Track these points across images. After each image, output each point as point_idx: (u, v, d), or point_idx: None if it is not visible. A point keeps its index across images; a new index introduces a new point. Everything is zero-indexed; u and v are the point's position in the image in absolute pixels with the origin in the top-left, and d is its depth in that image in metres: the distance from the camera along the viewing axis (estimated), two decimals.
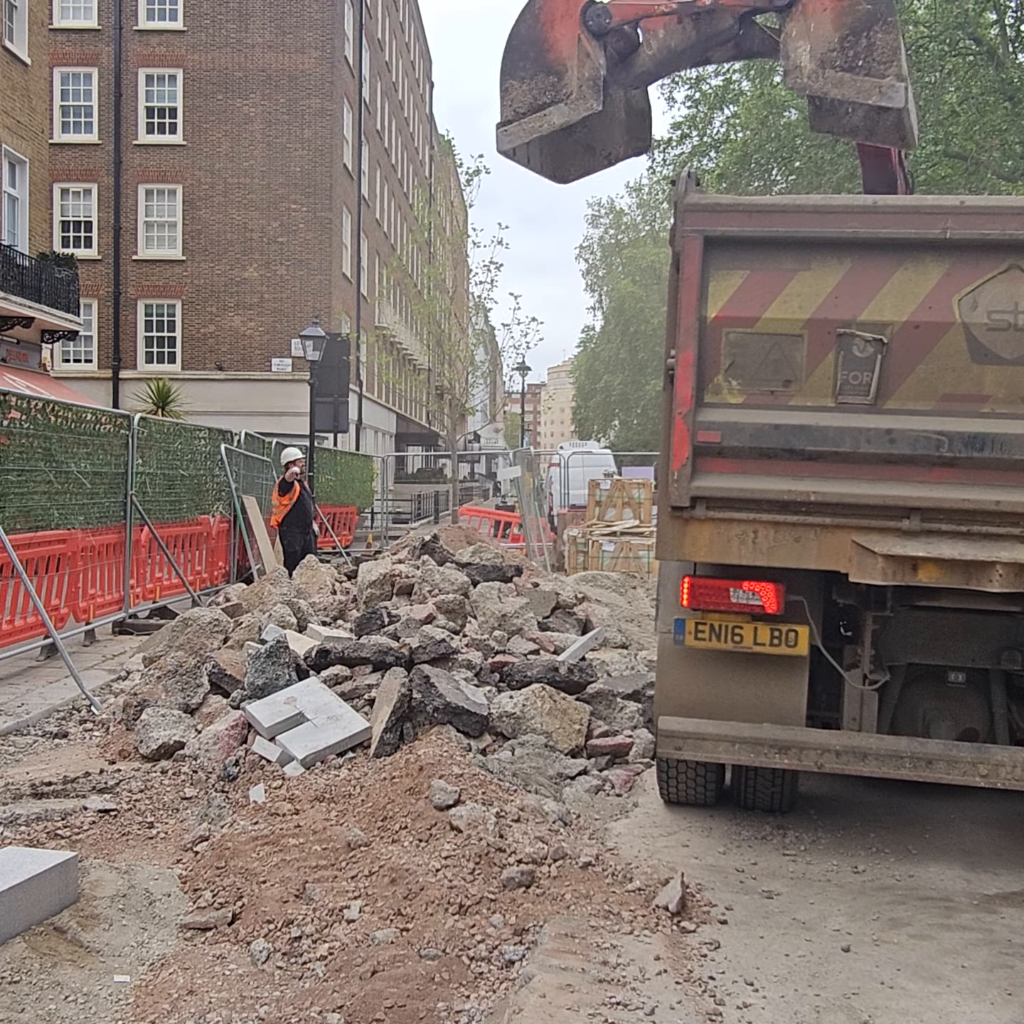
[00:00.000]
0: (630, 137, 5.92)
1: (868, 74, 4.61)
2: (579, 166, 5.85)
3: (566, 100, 4.97)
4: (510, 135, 5.12)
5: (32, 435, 9.79)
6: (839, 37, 4.65)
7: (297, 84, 31.59)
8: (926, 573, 4.60)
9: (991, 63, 25.28)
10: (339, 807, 5.22)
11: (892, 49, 4.57)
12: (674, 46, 5.30)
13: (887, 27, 4.55)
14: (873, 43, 4.62)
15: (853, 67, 4.61)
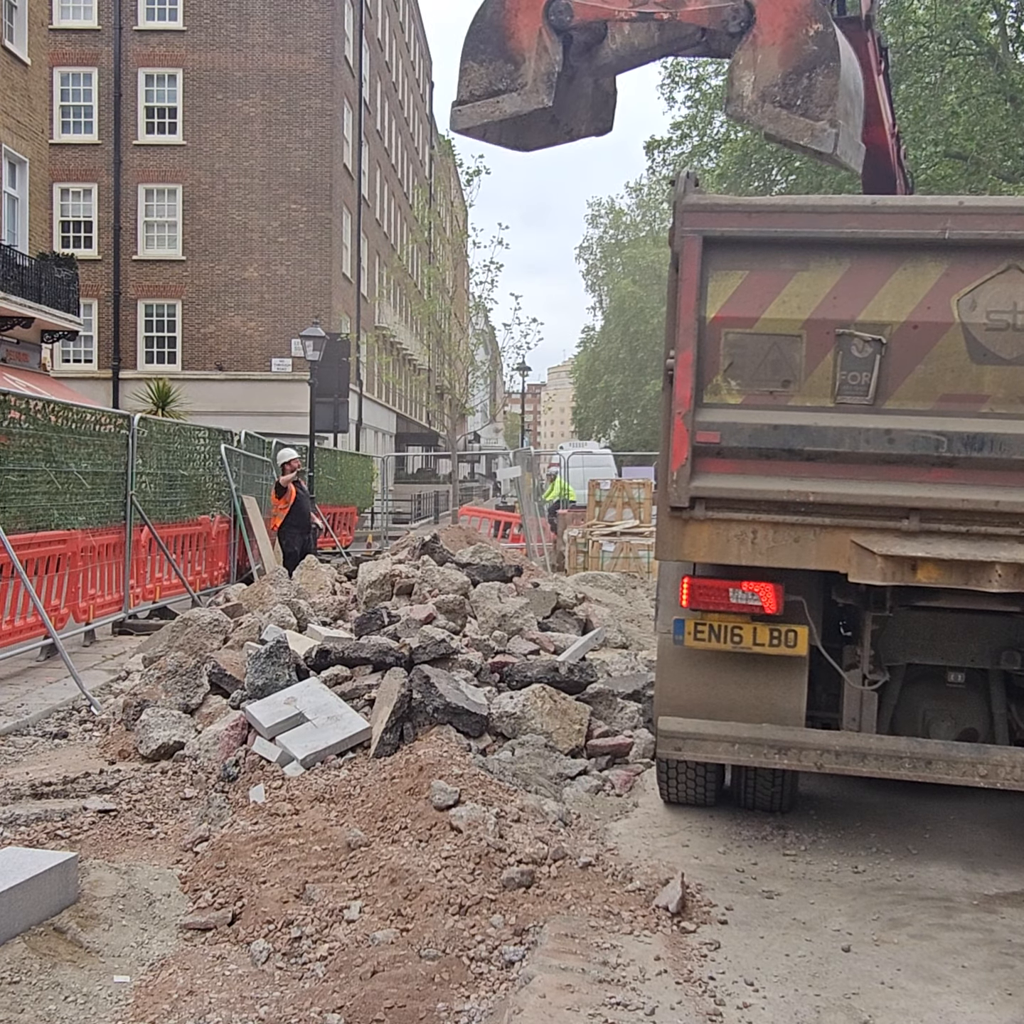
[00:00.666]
0: (593, 116, 5.88)
1: (804, 114, 4.63)
2: (542, 137, 5.85)
3: (519, 90, 5.02)
4: (464, 115, 5.18)
5: (32, 435, 9.79)
6: (783, 73, 4.65)
7: (297, 84, 31.59)
8: (925, 573, 4.60)
9: (991, 63, 25.28)
10: (339, 807, 5.22)
11: (830, 94, 4.58)
12: (637, 44, 5.30)
13: (828, 71, 4.55)
14: (813, 85, 4.62)
15: (791, 105, 4.62)
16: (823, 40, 4.52)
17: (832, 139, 4.59)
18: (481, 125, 5.23)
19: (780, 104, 4.64)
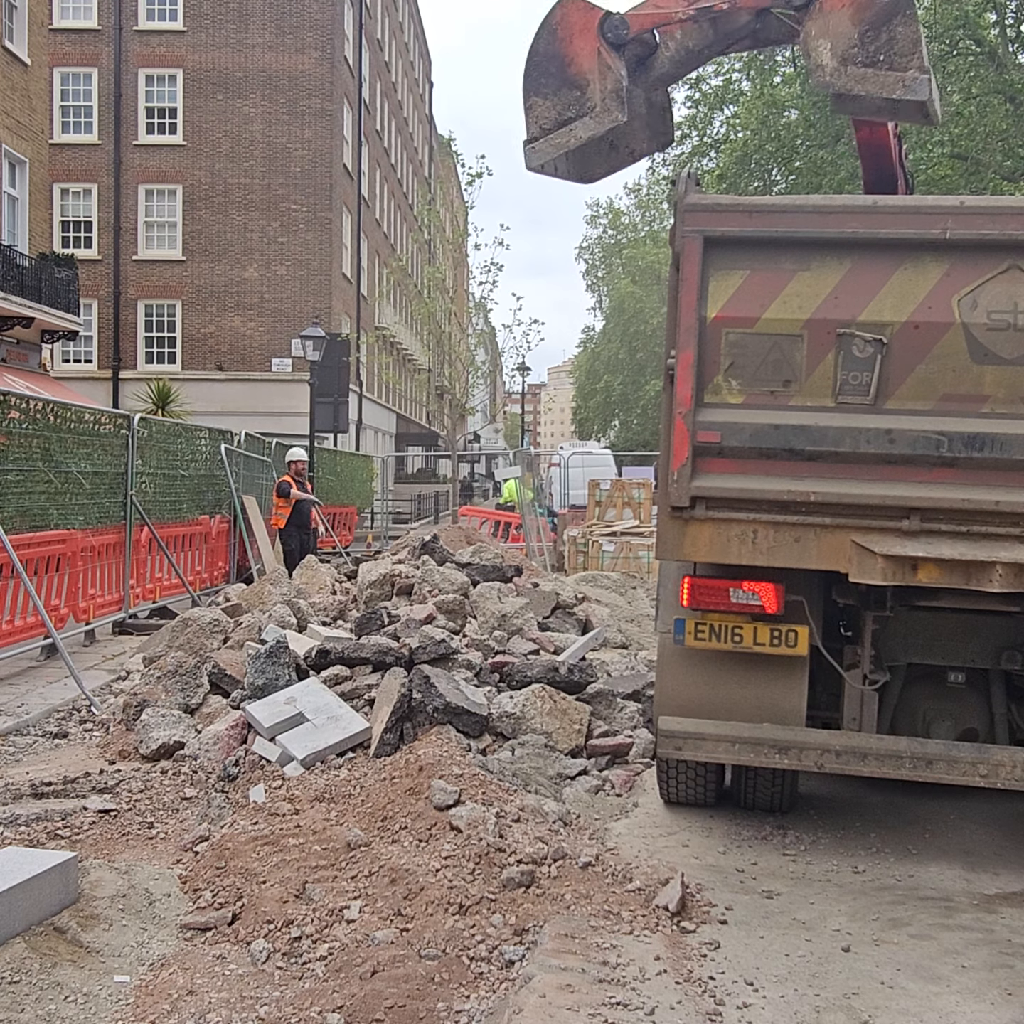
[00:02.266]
0: (652, 132, 5.91)
1: (891, 68, 4.55)
2: (604, 165, 5.83)
3: (591, 113, 4.98)
4: (538, 152, 5.14)
5: (32, 435, 9.79)
6: (859, 33, 4.59)
7: (297, 84, 31.59)
8: (926, 573, 4.60)
9: (992, 64, 25.28)
10: (339, 807, 5.22)
11: (913, 41, 4.52)
12: (692, 46, 5.29)
13: (907, 20, 4.49)
14: (894, 37, 4.56)
15: (875, 62, 4.55)
16: None
17: (926, 85, 4.49)
18: (556, 158, 5.15)
19: (863, 63, 4.55)
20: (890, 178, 7.28)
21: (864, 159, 7.51)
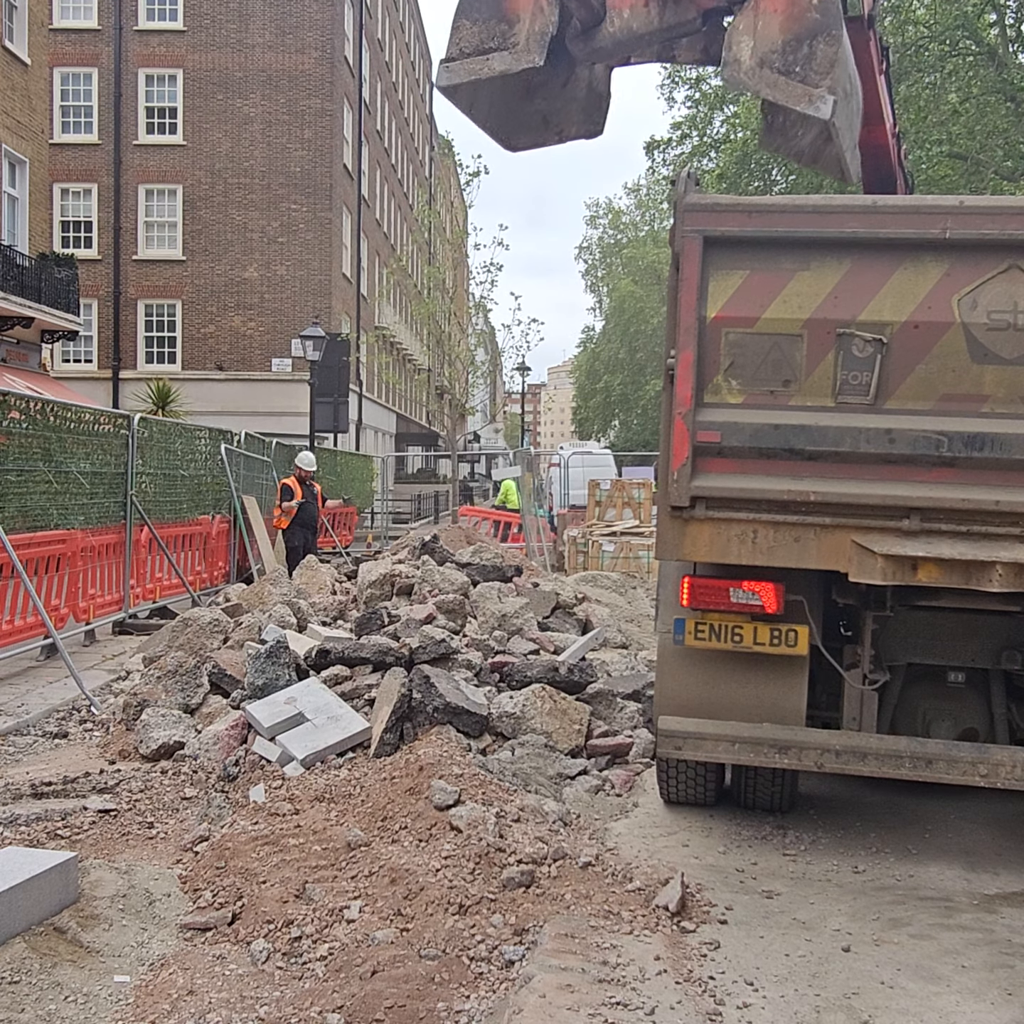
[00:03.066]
0: (585, 118, 5.82)
1: (803, 81, 4.53)
2: (530, 137, 5.78)
3: (511, 49, 4.88)
4: (451, 72, 5.01)
5: (32, 435, 9.78)
6: (783, 40, 4.58)
7: (297, 84, 31.59)
8: (926, 573, 4.60)
9: (992, 63, 25.28)
10: (339, 807, 5.22)
11: (830, 61, 4.50)
12: (636, 28, 5.18)
13: (830, 40, 4.50)
14: (814, 53, 4.54)
15: (790, 72, 4.54)
16: (826, 9, 4.45)
17: (830, 105, 4.44)
18: (468, 86, 5.02)
19: (779, 71, 4.54)
20: (889, 178, 7.28)
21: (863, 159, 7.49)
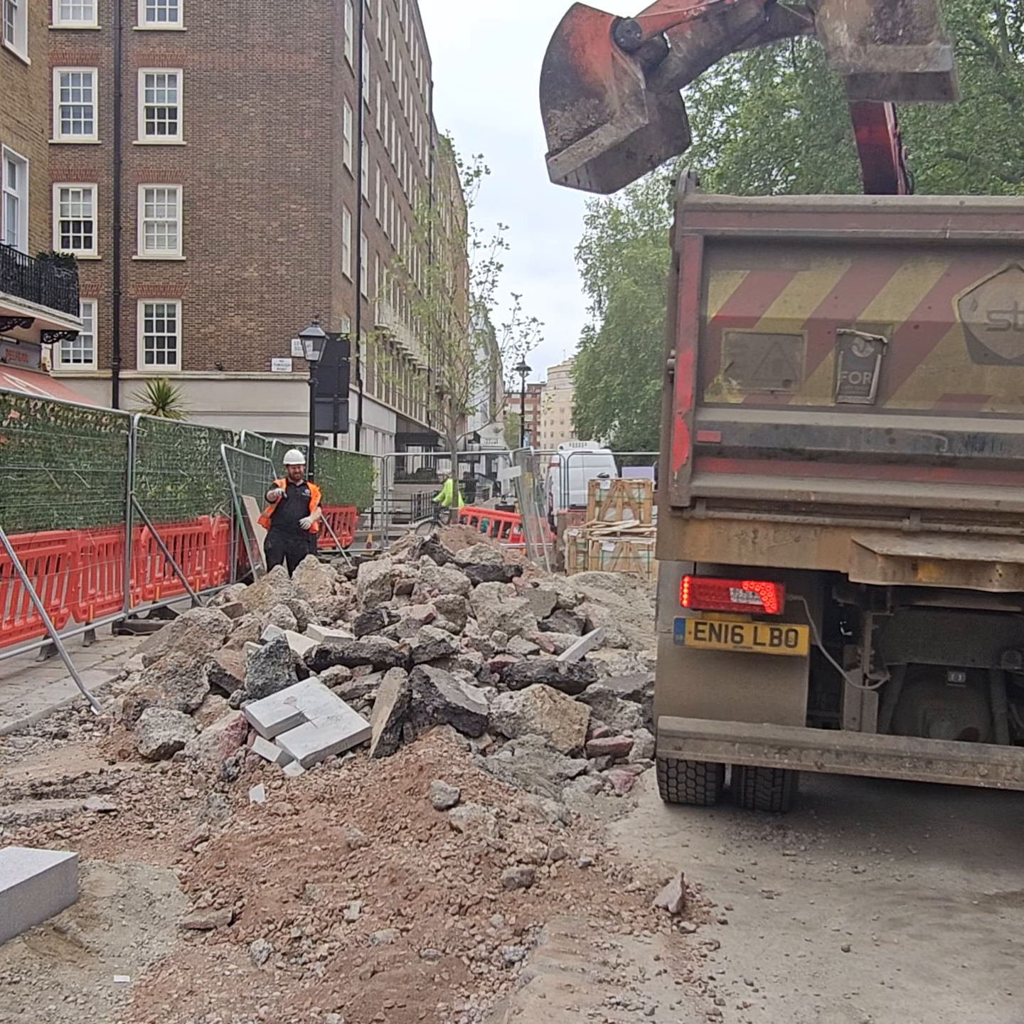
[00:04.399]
0: (668, 137, 5.91)
1: (911, 42, 4.50)
2: (624, 174, 5.86)
3: (612, 119, 4.99)
4: (561, 164, 5.15)
5: (32, 435, 9.79)
6: (875, 10, 4.55)
7: (297, 84, 31.58)
8: (926, 573, 4.60)
9: (991, 63, 25.28)
10: (339, 807, 5.22)
11: (930, 13, 4.48)
12: (703, 44, 5.27)
13: None
14: (910, 10, 4.51)
15: (894, 38, 4.51)
16: None
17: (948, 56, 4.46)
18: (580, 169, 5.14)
19: (882, 40, 4.51)
20: (890, 179, 7.29)
21: (864, 159, 7.51)
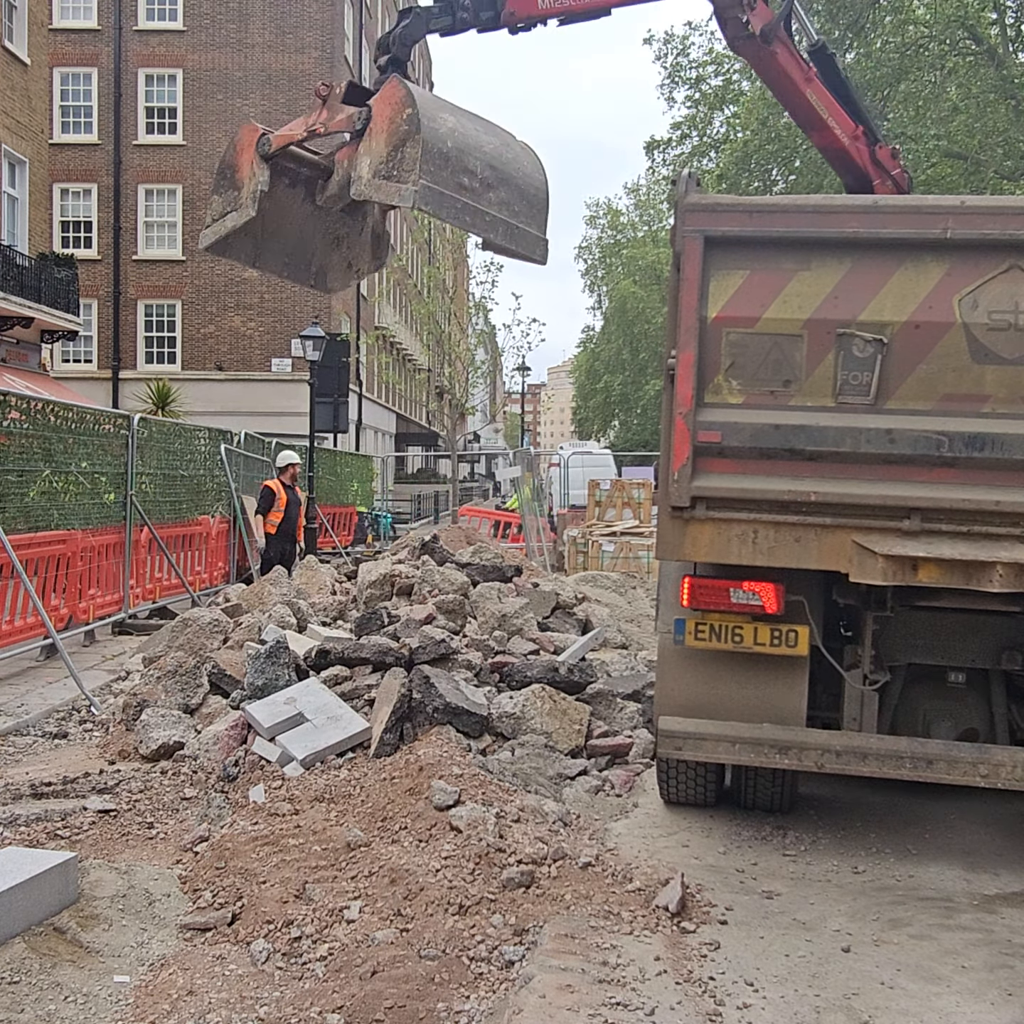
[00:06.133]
0: (372, 256, 7.00)
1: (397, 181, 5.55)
2: (341, 279, 7.12)
3: (238, 209, 6.17)
4: (204, 236, 6.36)
5: (32, 435, 9.79)
6: (387, 152, 5.57)
7: (297, 84, 31.56)
8: (926, 573, 4.60)
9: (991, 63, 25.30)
10: (339, 807, 5.22)
11: (412, 160, 5.50)
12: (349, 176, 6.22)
13: (414, 143, 5.47)
14: (404, 156, 5.51)
15: (390, 176, 5.55)
16: (411, 120, 5.47)
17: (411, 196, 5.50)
18: (219, 243, 6.29)
19: (383, 176, 5.58)
20: (863, 177, 7.45)
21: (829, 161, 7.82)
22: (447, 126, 5.68)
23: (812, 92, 7.45)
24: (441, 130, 5.63)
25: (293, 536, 13.73)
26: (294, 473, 13.79)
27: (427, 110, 5.60)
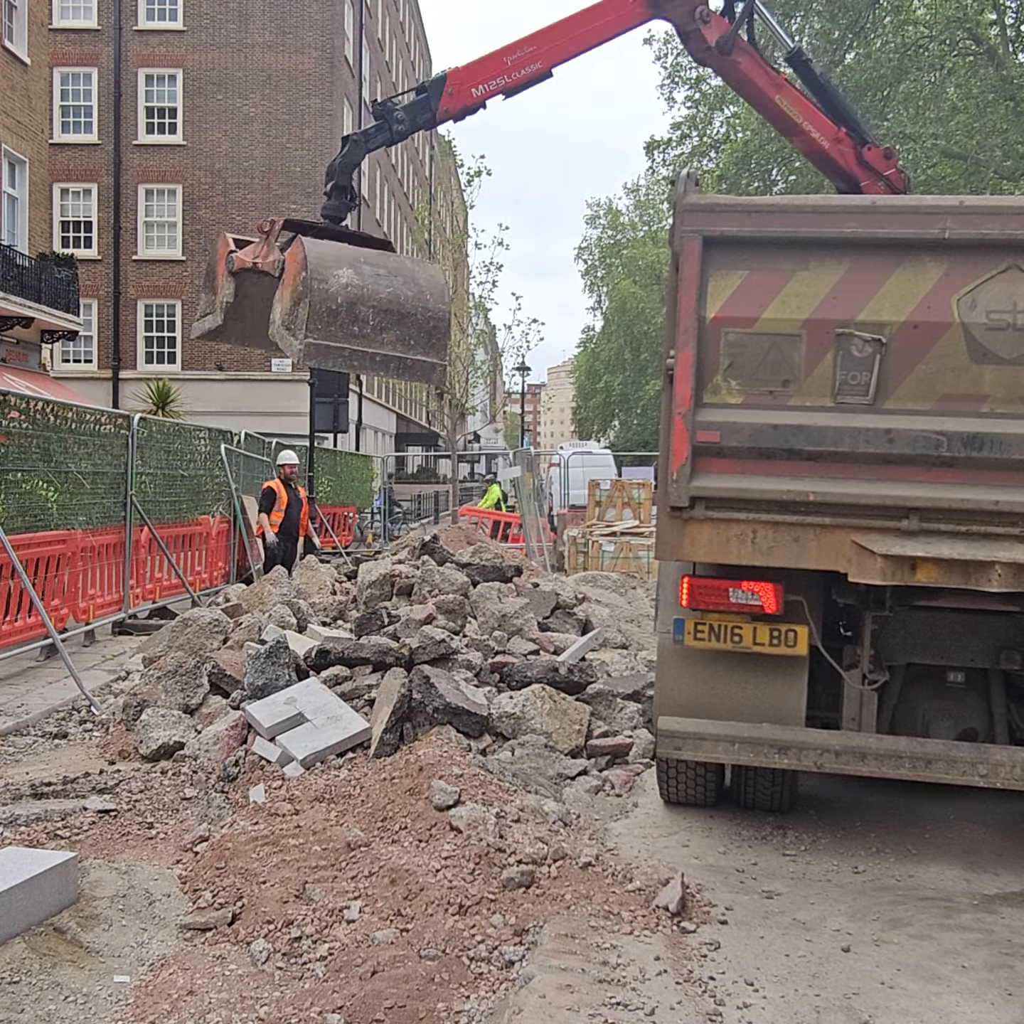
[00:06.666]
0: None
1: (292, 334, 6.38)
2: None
3: (213, 312, 7.09)
4: (194, 330, 7.32)
5: (32, 435, 9.78)
6: (290, 306, 6.38)
7: (297, 84, 31.59)
8: (925, 573, 4.60)
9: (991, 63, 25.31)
10: (339, 807, 5.22)
11: (303, 319, 6.31)
12: None
13: (304, 304, 6.29)
14: (297, 314, 6.32)
15: (289, 328, 6.38)
16: (304, 283, 6.26)
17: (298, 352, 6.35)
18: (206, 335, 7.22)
19: (286, 327, 6.39)
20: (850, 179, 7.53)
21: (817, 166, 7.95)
22: (340, 283, 6.45)
23: (783, 98, 7.61)
24: (332, 289, 6.41)
25: (295, 536, 13.78)
26: (287, 473, 13.85)
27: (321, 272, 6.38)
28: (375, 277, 6.60)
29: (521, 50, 7.30)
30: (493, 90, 7.30)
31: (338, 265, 6.49)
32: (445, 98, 7.27)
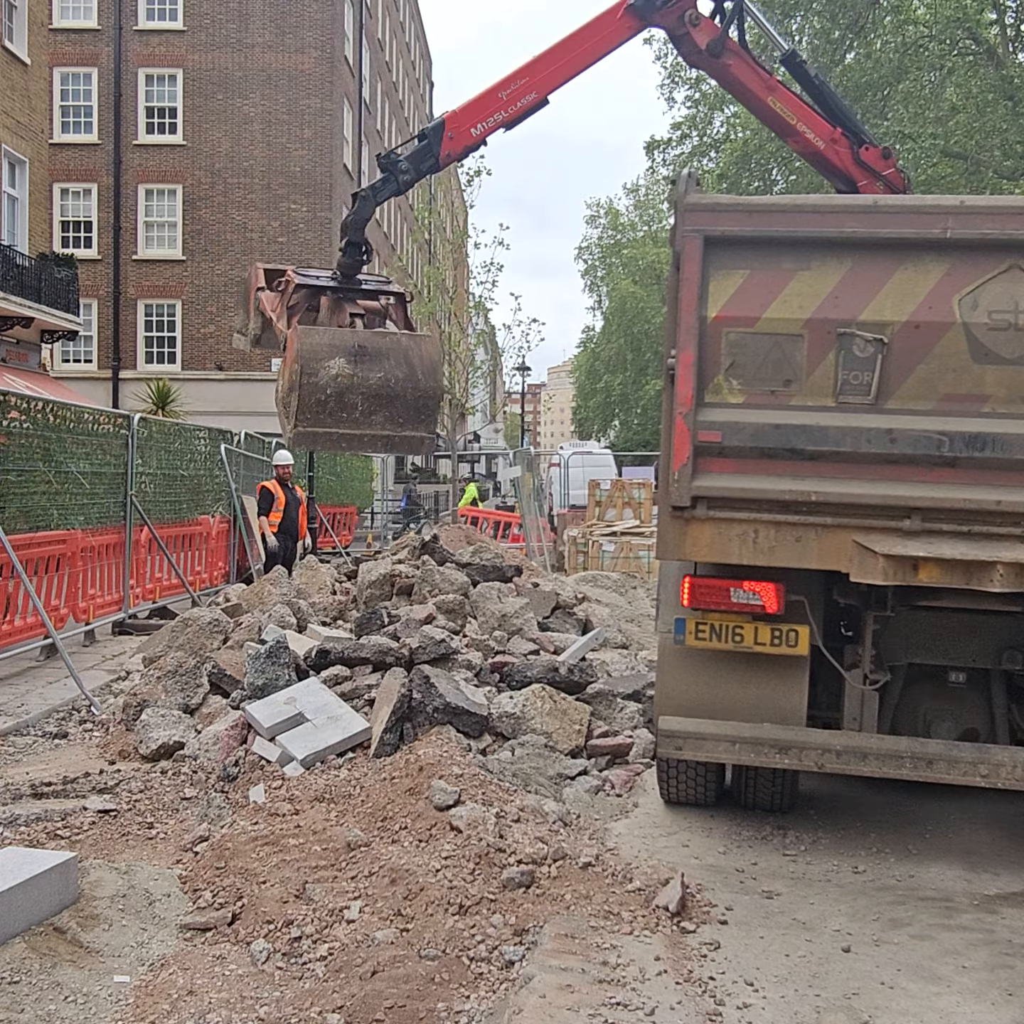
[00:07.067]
0: None
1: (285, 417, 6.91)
2: None
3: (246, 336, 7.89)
4: (235, 341, 8.37)
5: (32, 435, 9.78)
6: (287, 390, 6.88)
7: (297, 84, 31.56)
8: (927, 573, 4.60)
9: (991, 63, 25.31)
10: (339, 807, 5.22)
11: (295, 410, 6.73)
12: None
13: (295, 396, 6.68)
14: (290, 401, 6.77)
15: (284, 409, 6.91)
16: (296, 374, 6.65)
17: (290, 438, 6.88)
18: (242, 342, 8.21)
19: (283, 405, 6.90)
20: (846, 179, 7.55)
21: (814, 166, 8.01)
22: (330, 375, 6.80)
23: (776, 99, 7.66)
24: (321, 382, 6.75)
25: (294, 535, 13.75)
26: (281, 474, 13.79)
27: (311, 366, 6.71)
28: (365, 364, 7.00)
29: (515, 83, 7.39)
30: (492, 127, 7.43)
31: (330, 355, 6.85)
32: (446, 142, 7.51)
